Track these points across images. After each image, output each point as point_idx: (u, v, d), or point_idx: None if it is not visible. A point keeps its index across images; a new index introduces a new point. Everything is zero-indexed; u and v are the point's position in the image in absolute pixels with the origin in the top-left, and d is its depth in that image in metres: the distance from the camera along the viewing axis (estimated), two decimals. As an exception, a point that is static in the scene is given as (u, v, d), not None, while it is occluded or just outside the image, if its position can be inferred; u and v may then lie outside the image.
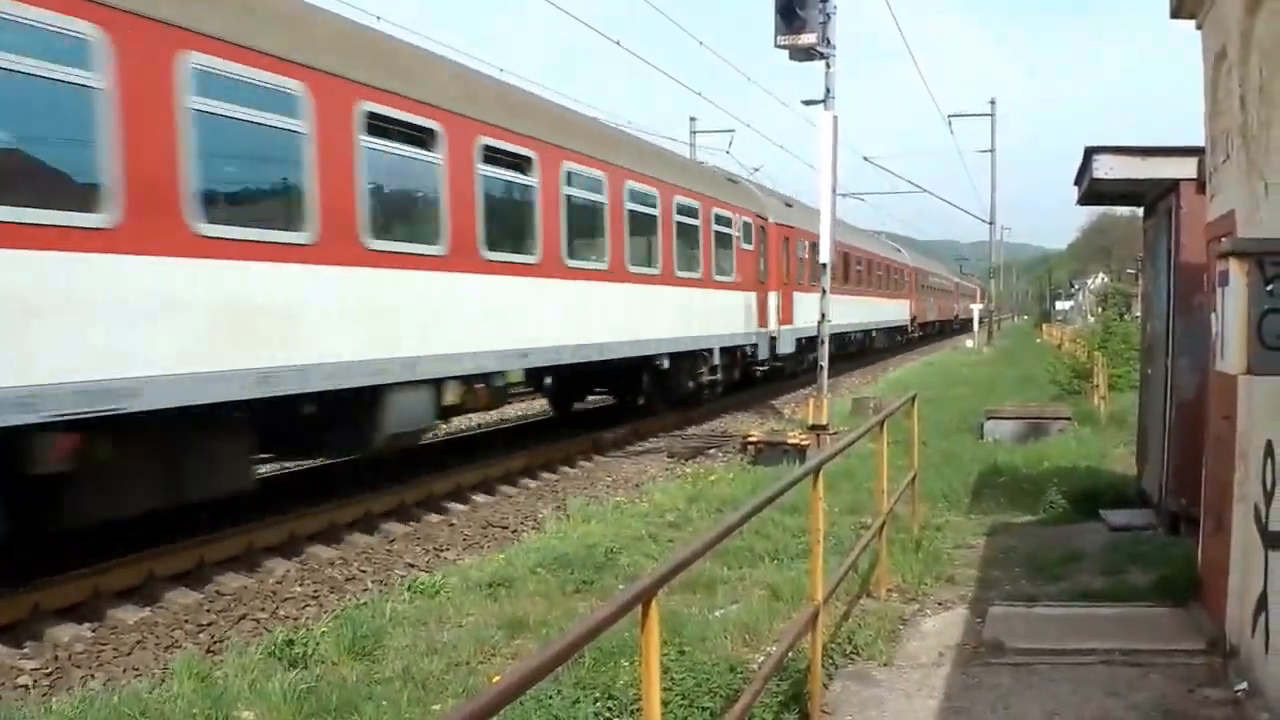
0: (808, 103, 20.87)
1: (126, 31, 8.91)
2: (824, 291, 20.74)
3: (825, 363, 20.64)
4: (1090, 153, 10.50)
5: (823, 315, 20.76)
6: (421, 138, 12.84)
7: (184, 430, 10.05)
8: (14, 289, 8.06)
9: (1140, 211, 12.76)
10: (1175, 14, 7.93)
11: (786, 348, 28.37)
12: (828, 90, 19.87)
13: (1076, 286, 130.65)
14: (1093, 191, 11.29)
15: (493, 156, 14.28)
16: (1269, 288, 5.00)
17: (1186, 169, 9.77)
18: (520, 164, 15.13)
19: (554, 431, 18.72)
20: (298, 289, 10.87)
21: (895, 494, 9.73)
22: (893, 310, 50.69)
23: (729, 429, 22.71)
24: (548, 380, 20.59)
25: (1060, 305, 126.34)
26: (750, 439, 17.76)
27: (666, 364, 20.94)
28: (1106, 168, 10.35)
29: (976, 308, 67.44)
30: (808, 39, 18.70)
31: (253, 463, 11.70)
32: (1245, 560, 6.32)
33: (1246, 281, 5.02)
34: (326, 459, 14.90)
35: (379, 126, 12.00)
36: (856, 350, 43.02)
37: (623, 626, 4.67)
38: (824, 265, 20.59)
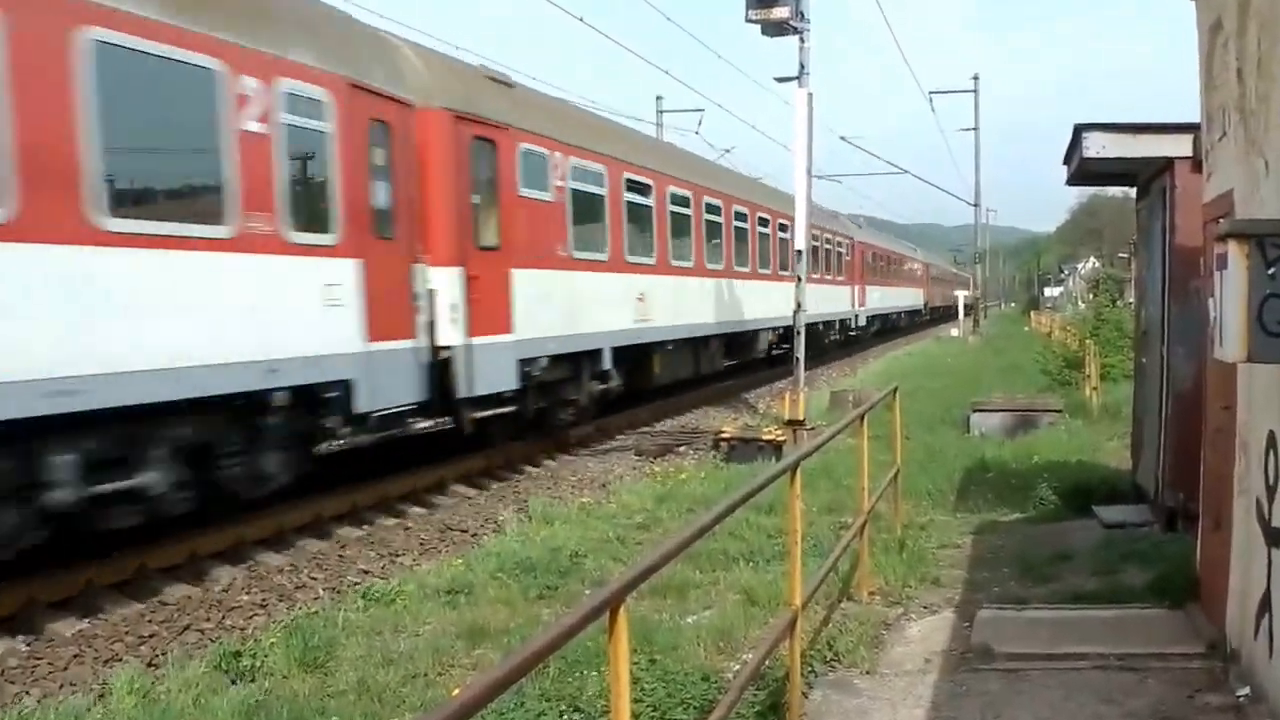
0: (781, 80, 20.91)
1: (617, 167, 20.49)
2: (799, 280, 20.77)
3: (801, 354, 20.69)
4: (1080, 130, 10.53)
5: (798, 304, 20.82)
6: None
7: (707, 344, 25.72)
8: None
9: (1133, 192, 12.82)
10: (1169, -17, 7.96)
11: (862, 321, 48.87)
12: (802, 66, 19.92)
13: (1066, 272, 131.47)
14: (1083, 171, 11.33)
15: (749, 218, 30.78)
16: (1270, 271, 5.02)
17: (1181, 146, 9.82)
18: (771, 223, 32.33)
19: (514, 430, 18.65)
20: (749, 292, 28.78)
21: (877, 492, 9.74)
22: (913, 297, 69.70)
23: (700, 425, 22.72)
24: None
25: (1049, 291, 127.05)
26: (723, 435, 17.76)
27: (821, 327, 38.51)
28: (1097, 146, 10.40)
29: (962, 295, 67.86)
30: (780, 13, 18.76)
31: (724, 359, 28.02)
32: (1246, 558, 6.35)
33: (1246, 264, 5.04)
34: (734, 361, 29.78)
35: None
36: (890, 327, 60.71)
37: (590, 634, 4.64)
38: (799, 252, 20.62)
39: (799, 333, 20.88)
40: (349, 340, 12.42)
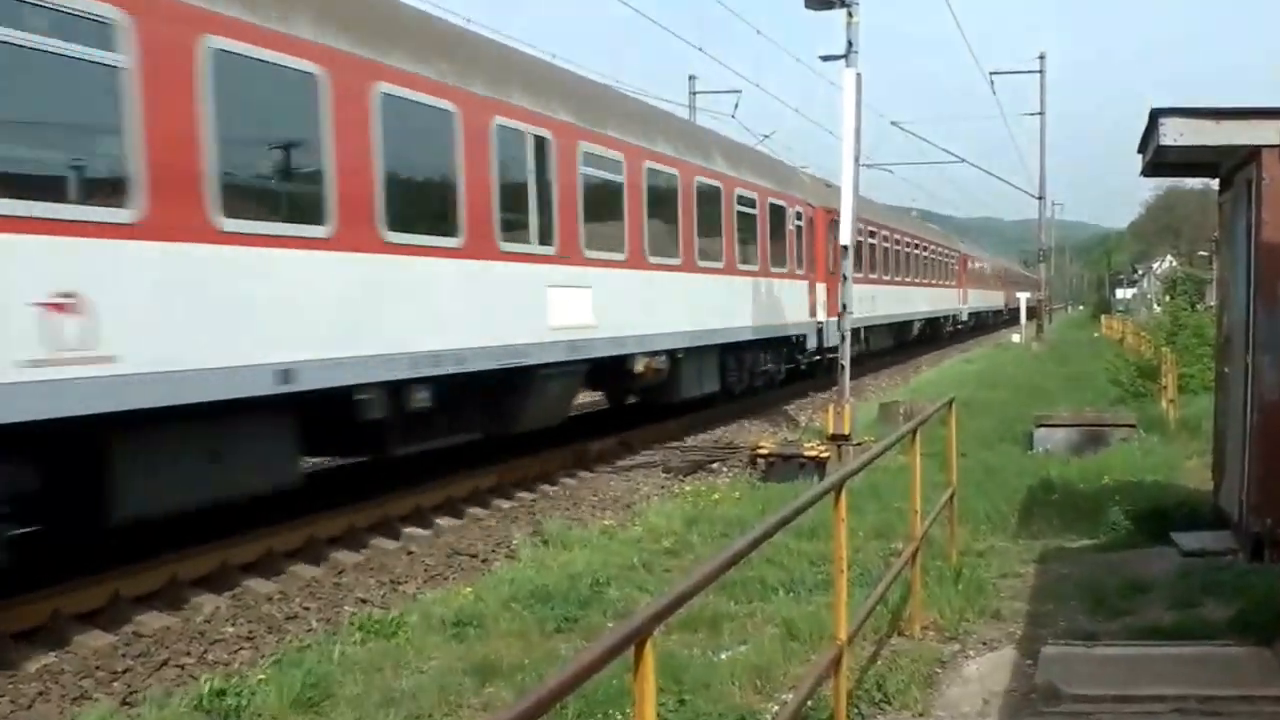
0: (826, 58, 20.88)
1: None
2: (845, 278, 20.74)
3: (847, 361, 20.62)
4: (1156, 115, 10.48)
5: (843, 306, 20.76)
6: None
7: (899, 327, 47.04)
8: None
9: (1215, 184, 12.77)
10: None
11: (964, 318, 66.68)
12: (850, 44, 19.83)
13: (1141, 271, 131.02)
14: (1159, 161, 11.28)
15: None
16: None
17: (1269, 133, 9.77)
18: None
19: (532, 442, 18.69)
20: (913, 294, 48.84)
21: (930, 515, 9.72)
22: (995, 298, 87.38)
23: (735, 439, 22.75)
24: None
25: (1122, 293, 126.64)
26: (760, 450, 17.75)
27: (941, 320, 57.29)
28: (1175, 133, 10.34)
29: (1023, 296, 67.69)
30: (826, -17, 18.69)
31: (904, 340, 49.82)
32: (1341, 590, 6.31)
33: (1342, 264, 5.02)
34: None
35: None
36: (980, 324, 77.81)
37: (613, 671, 4.65)
38: (844, 248, 20.55)
39: (845, 336, 20.81)
40: (805, 315, 29.86)
